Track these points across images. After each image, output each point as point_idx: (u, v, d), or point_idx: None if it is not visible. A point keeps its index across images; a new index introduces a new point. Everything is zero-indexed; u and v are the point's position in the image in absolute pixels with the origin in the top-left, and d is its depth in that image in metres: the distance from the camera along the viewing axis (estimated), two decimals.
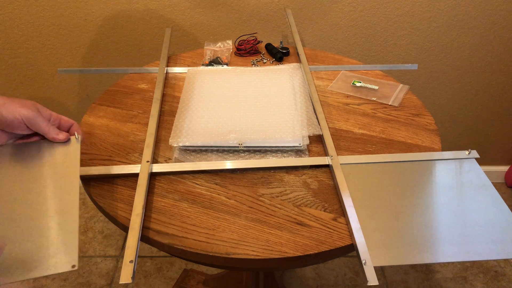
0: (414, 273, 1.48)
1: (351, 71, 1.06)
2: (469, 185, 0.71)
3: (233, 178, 0.73)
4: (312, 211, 0.67)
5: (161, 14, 1.34)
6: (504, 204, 0.67)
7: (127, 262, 0.55)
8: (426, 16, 1.36)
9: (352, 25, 1.38)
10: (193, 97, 0.90)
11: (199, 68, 1.03)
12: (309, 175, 0.74)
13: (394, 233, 0.62)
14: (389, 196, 0.69)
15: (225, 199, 0.69)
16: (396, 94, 0.97)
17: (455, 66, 1.49)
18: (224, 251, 0.60)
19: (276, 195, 0.70)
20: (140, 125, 0.86)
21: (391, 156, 0.77)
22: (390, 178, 0.72)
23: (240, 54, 1.14)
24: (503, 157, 1.79)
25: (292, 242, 0.61)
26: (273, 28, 1.38)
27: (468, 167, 0.75)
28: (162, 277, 1.46)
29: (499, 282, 1.46)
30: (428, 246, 0.60)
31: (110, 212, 0.66)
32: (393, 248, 0.60)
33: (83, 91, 1.53)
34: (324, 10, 1.35)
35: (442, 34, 1.41)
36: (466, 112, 1.63)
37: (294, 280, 1.46)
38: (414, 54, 1.46)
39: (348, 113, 0.90)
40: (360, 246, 0.59)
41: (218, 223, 0.64)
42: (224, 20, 1.37)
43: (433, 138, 0.84)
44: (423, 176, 0.73)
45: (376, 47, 1.43)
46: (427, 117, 0.90)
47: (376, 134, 0.84)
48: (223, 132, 0.79)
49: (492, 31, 1.41)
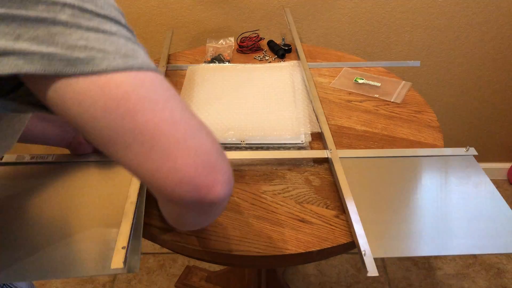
0: (416, 270, 1.48)
1: (353, 68, 1.06)
2: (467, 180, 0.71)
3: (235, 175, 0.73)
4: (314, 208, 0.67)
5: (163, 11, 1.34)
6: (503, 200, 0.67)
7: (119, 248, 0.55)
8: (428, 12, 1.36)
9: (355, 22, 1.38)
10: (192, 94, 0.90)
11: (199, 65, 1.03)
12: (311, 172, 0.74)
13: (393, 226, 0.62)
14: (388, 190, 0.69)
15: None
16: (399, 91, 0.97)
17: (458, 63, 1.48)
18: (227, 248, 0.60)
19: (278, 192, 0.70)
20: None
21: (390, 151, 0.77)
22: (390, 173, 0.73)
23: (242, 51, 1.14)
24: (505, 154, 1.78)
25: (294, 239, 0.61)
26: (275, 25, 1.38)
27: (467, 164, 0.75)
28: (165, 274, 1.46)
29: (502, 279, 1.46)
30: (428, 239, 0.60)
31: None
32: (393, 240, 0.60)
33: None
34: (327, 6, 1.34)
35: (444, 31, 1.40)
36: (469, 109, 1.62)
37: (296, 277, 1.46)
38: (416, 51, 1.45)
39: (350, 110, 0.90)
40: (360, 237, 0.59)
41: (220, 220, 0.64)
42: (226, 17, 1.36)
43: (436, 135, 0.83)
44: (422, 171, 0.73)
45: (378, 44, 1.43)
46: (430, 114, 0.89)
47: (378, 131, 0.84)
48: (221, 129, 0.79)
49: (495, 28, 1.40)
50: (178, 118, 0.36)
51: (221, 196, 0.37)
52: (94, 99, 0.34)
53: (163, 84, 0.37)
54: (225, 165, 0.38)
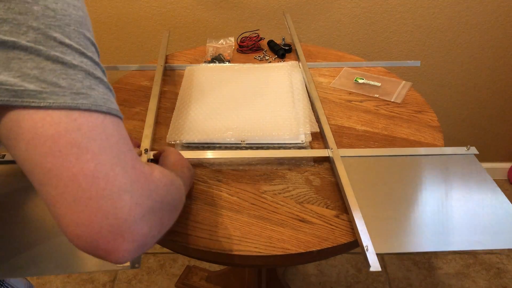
0: (417, 269, 1.48)
1: (353, 67, 1.06)
2: (468, 178, 0.72)
3: (236, 175, 0.73)
4: (314, 208, 0.67)
5: (163, 11, 1.34)
6: (504, 196, 0.68)
7: None
8: (429, 12, 1.36)
9: (355, 22, 1.38)
10: (191, 94, 0.90)
11: (198, 65, 1.03)
12: (311, 172, 0.74)
13: (395, 223, 0.62)
14: (390, 188, 0.69)
15: (228, 196, 0.69)
16: (399, 91, 0.97)
17: (458, 63, 1.48)
18: (227, 248, 0.60)
19: (278, 192, 0.70)
20: (142, 122, 0.86)
21: (391, 150, 0.77)
22: (391, 171, 0.73)
23: (243, 51, 1.14)
24: (506, 154, 1.78)
25: (294, 239, 0.61)
26: (276, 25, 1.38)
27: (468, 162, 0.75)
28: (165, 274, 1.46)
29: (502, 279, 1.46)
30: (430, 236, 0.61)
31: None
32: (395, 236, 0.60)
33: None
34: (327, 6, 1.34)
35: (445, 30, 1.40)
36: (469, 109, 1.62)
37: (296, 277, 1.46)
38: (416, 51, 1.45)
39: (351, 110, 0.90)
40: (362, 233, 0.59)
41: (220, 219, 0.65)
42: (226, 17, 1.36)
43: (436, 135, 0.83)
44: (424, 169, 0.74)
45: (378, 44, 1.43)
46: (430, 113, 0.89)
47: (378, 131, 0.84)
48: (220, 130, 0.79)
49: (495, 28, 1.40)
50: (102, 174, 0.34)
51: (121, 261, 0.36)
52: (23, 129, 0.33)
53: (107, 131, 0.36)
54: (140, 233, 0.36)
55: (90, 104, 0.35)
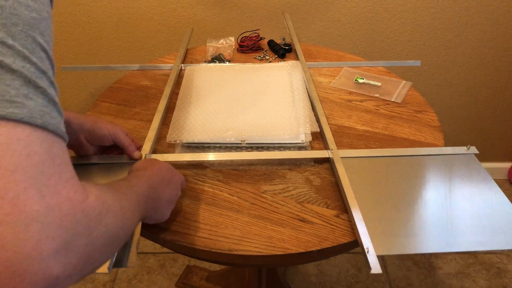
0: (417, 269, 1.48)
1: (353, 67, 1.06)
2: (468, 178, 0.71)
3: (236, 175, 0.73)
4: (314, 207, 0.67)
5: (163, 11, 1.34)
6: (505, 197, 0.67)
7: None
8: (429, 12, 1.36)
9: (355, 22, 1.38)
10: (191, 94, 0.90)
11: (198, 65, 1.03)
12: (311, 172, 0.74)
13: (396, 224, 0.62)
14: (390, 188, 0.69)
15: (228, 196, 0.69)
16: (399, 90, 0.97)
17: (458, 62, 1.48)
18: (227, 248, 0.60)
19: (278, 191, 0.70)
20: (143, 122, 0.86)
21: (391, 151, 0.77)
22: (391, 172, 0.73)
23: (243, 50, 1.14)
24: (506, 154, 1.78)
25: (294, 239, 0.61)
26: (276, 25, 1.38)
27: (468, 162, 0.75)
28: (165, 273, 1.46)
29: (502, 278, 1.46)
30: (431, 237, 0.60)
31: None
32: (395, 238, 0.60)
33: (86, 88, 1.53)
34: (327, 6, 1.34)
35: (445, 30, 1.40)
36: (469, 109, 1.62)
37: (296, 277, 1.46)
38: (417, 51, 1.45)
39: (351, 110, 0.90)
40: (363, 235, 0.59)
41: (220, 219, 0.65)
42: (226, 17, 1.36)
43: (436, 135, 0.83)
44: (424, 170, 0.73)
45: (379, 44, 1.43)
46: (430, 113, 0.89)
47: (379, 130, 0.84)
48: (220, 130, 0.79)
49: (495, 28, 1.40)
50: (10, 195, 0.29)
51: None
52: None
53: (31, 147, 0.31)
54: (47, 274, 0.29)
55: (23, 115, 0.30)
